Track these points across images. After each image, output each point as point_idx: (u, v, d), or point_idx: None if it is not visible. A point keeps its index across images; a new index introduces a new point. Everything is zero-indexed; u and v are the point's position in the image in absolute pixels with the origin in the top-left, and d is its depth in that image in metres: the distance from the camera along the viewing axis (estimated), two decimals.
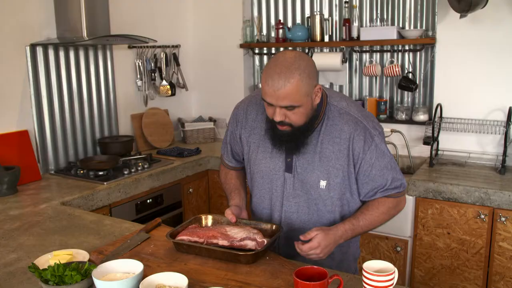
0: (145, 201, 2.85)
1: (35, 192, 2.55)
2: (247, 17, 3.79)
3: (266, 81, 1.49)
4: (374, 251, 2.84)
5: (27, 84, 2.81)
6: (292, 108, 1.50)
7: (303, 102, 1.50)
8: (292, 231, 1.70)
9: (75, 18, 2.79)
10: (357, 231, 1.63)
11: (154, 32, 3.46)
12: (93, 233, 1.92)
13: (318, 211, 1.68)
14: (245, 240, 1.56)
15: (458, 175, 2.72)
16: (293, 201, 1.69)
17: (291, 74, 1.46)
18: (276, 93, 1.47)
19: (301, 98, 1.49)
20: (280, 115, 1.51)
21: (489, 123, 2.93)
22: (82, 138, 3.16)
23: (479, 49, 2.91)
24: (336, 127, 1.62)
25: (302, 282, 1.25)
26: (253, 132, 1.76)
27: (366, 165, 1.62)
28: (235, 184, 1.88)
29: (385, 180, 1.64)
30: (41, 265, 1.50)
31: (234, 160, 1.92)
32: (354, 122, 1.62)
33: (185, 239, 1.60)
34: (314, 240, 1.50)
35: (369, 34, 3.20)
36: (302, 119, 1.55)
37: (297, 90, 1.47)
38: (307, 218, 1.69)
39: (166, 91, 3.66)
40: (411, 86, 3.13)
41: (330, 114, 1.63)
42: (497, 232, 2.48)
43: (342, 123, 1.61)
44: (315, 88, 1.54)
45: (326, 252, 1.53)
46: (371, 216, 1.65)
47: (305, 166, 1.64)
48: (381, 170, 1.63)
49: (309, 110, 1.55)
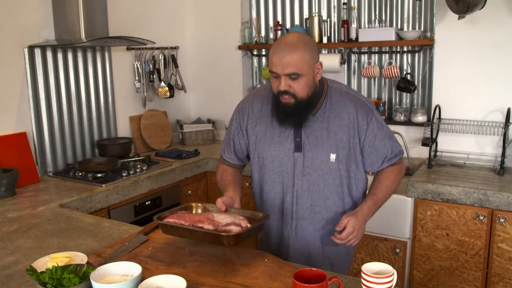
0: (143, 203, 2.85)
1: (33, 194, 2.54)
2: (246, 18, 3.79)
3: (274, 52, 1.65)
4: (373, 252, 2.84)
5: (25, 86, 2.81)
6: (296, 77, 1.64)
7: (306, 71, 1.64)
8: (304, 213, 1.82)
9: (73, 19, 2.79)
10: (379, 203, 1.82)
11: (153, 34, 3.46)
12: (92, 236, 1.92)
13: (329, 186, 1.79)
14: (230, 225, 1.57)
15: (457, 177, 2.72)
16: (304, 179, 1.78)
17: (296, 45, 1.63)
18: (282, 61, 1.62)
19: (304, 67, 1.63)
20: (285, 84, 1.65)
21: (487, 124, 2.93)
22: (81, 140, 3.15)
23: (477, 50, 2.91)
24: (339, 104, 1.77)
25: (301, 284, 1.24)
26: (259, 121, 1.85)
27: (370, 136, 1.77)
28: (231, 180, 1.90)
29: (388, 149, 1.82)
30: (39, 268, 1.49)
31: (235, 157, 1.96)
32: (354, 99, 1.79)
33: (172, 222, 1.60)
34: (348, 227, 1.67)
35: (368, 35, 3.20)
36: (304, 90, 1.67)
37: (301, 58, 1.62)
38: (318, 195, 1.80)
39: (164, 92, 3.66)
40: (409, 87, 3.13)
41: (332, 95, 1.79)
42: (496, 234, 2.48)
43: (344, 100, 1.78)
44: (317, 63, 1.69)
45: (361, 232, 1.72)
46: (385, 187, 1.84)
47: (314, 142, 1.76)
48: (382, 140, 1.80)
49: (311, 82, 1.69)
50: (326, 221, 1.83)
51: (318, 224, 1.84)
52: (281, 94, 1.68)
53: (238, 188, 1.87)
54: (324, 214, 1.82)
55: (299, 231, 1.84)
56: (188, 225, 1.57)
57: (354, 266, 2.90)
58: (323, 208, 1.82)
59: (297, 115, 1.72)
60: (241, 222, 1.58)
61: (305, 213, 1.82)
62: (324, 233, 1.85)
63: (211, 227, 1.56)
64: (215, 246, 1.65)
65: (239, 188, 1.88)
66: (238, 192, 1.83)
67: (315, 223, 1.84)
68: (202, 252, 1.63)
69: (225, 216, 1.64)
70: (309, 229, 1.84)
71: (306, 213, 1.82)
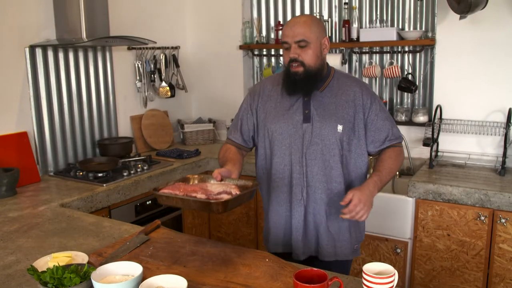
0: (144, 202, 2.85)
1: (34, 194, 2.55)
2: (247, 18, 3.79)
3: (286, 25, 1.85)
4: (374, 252, 2.84)
5: (26, 86, 2.81)
6: (304, 45, 1.80)
7: (313, 41, 1.82)
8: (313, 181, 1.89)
9: (74, 19, 2.79)
10: (384, 180, 1.87)
11: (154, 34, 3.46)
12: (92, 235, 1.92)
13: (334, 157, 1.88)
14: (222, 193, 1.60)
15: (458, 177, 2.72)
16: (312, 149, 1.87)
17: (306, 18, 1.85)
18: (292, 29, 1.81)
19: (312, 36, 1.81)
20: (294, 52, 1.81)
21: (489, 124, 2.92)
22: (82, 140, 3.15)
23: (478, 50, 2.91)
24: (346, 83, 1.93)
25: (301, 284, 1.24)
26: (269, 99, 1.98)
27: (373, 115, 1.90)
28: (232, 157, 1.96)
29: (388, 130, 1.93)
30: (40, 268, 1.49)
31: (241, 137, 2.06)
32: (360, 82, 1.96)
33: (166, 192, 1.63)
34: (354, 199, 1.72)
35: (369, 35, 3.20)
36: (312, 59, 1.83)
37: (310, 28, 1.81)
38: (324, 165, 1.88)
39: (165, 92, 3.66)
40: (410, 87, 3.13)
41: (339, 76, 1.95)
42: (497, 234, 2.48)
43: (350, 82, 1.94)
44: (324, 39, 1.87)
45: (368, 205, 1.76)
46: (388, 164, 1.90)
47: (323, 114, 1.86)
48: (384, 120, 1.92)
49: (318, 53, 1.85)
50: (331, 191, 1.90)
51: (325, 193, 1.90)
52: (291, 63, 1.83)
53: (238, 164, 1.92)
54: (329, 184, 1.90)
55: (310, 197, 1.90)
56: (182, 195, 1.61)
57: (355, 266, 2.90)
58: (329, 178, 1.89)
59: (305, 84, 1.85)
60: (231, 190, 1.62)
61: (315, 181, 1.89)
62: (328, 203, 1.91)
63: (203, 196, 1.59)
64: (216, 246, 1.65)
65: (238, 164, 1.93)
66: (237, 167, 1.89)
67: (322, 192, 1.90)
68: (203, 252, 1.63)
69: (218, 185, 1.69)
70: (319, 196, 1.91)
71: (315, 181, 1.89)
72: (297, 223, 1.93)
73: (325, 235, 1.93)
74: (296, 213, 1.92)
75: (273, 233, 2.00)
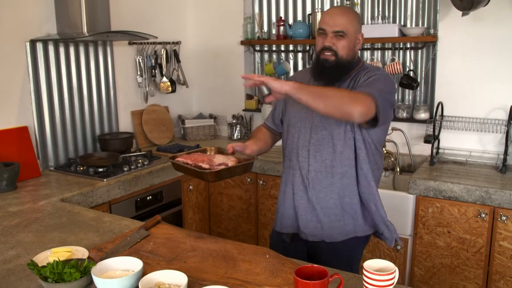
0: (144, 198, 2.85)
1: (34, 188, 2.54)
2: (248, 14, 3.78)
3: (327, 13, 1.90)
4: (374, 249, 2.84)
5: (27, 80, 2.80)
6: (341, 36, 1.84)
7: (351, 34, 1.85)
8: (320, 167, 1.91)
9: (75, 14, 2.78)
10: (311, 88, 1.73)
11: (155, 29, 3.45)
12: (93, 230, 1.92)
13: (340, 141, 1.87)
14: (221, 165, 1.81)
15: (459, 174, 2.72)
16: (319, 134, 1.90)
17: (348, 11, 1.90)
18: (333, 18, 1.85)
19: (350, 28, 1.85)
20: (330, 41, 1.85)
21: (490, 121, 2.92)
22: (82, 135, 3.15)
23: (481, 47, 2.90)
24: (364, 72, 1.89)
25: (302, 281, 1.24)
26: None
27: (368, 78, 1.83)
28: (257, 136, 2.14)
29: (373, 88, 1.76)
30: (40, 262, 1.49)
31: (272, 121, 2.19)
32: (376, 69, 1.91)
33: (180, 161, 1.88)
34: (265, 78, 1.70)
35: (371, 31, 3.18)
36: (345, 50, 1.86)
37: (350, 21, 1.85)
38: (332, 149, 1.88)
39: (166, 87, 3.66)
40: (412, 84, 3.12)
41: (364, 68, 1.93)
42: (498, 231, 2.48)
43: (369, 70, 1.89)
44: (359, 34, 1.90)
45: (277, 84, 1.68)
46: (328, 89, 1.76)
47: None
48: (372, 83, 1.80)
49: (352, 46, 1.87)
50: (333, 175, 1.90)
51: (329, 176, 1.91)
52: (324, 51, 1.86)
53: (260, 142, 2.08)
54: (334, 168, 1.90)
55: (314, 180, 1.92)
56: (192, 164, 1.84)
57: None
58: (334, 162, 1.89)
59: (333, 73, 1.88)
60: (229, 162, 1.82)
61: (319, 165, 1.91)
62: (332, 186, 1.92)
63: (207, 165, 1.81)
64: (216, 242, 1.66)
65: (260, 142, 2.08)
66: (258, 144, 2.05)
67: (326, 176, 1.91)
68: (203, 247, 1.63)
69: (222, 157, 1.89)
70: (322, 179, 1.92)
71: (319, 165, 1.91)
72: (299, 204, 1.97)
73: (327, 217, 1.95)
74: (299, 195, 1.97)
75: (280, 212, 2.07)
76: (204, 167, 1.79)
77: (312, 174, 1.92)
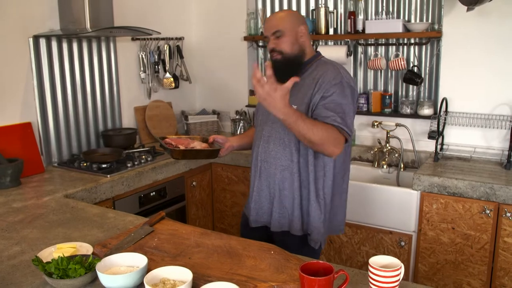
0: (148, 194, 2.85)
1: (38, 184, 2.54)
2: (251, 9, 3.77)
3: (265, 20, 2.05)
4: (378, 245, 2.83)
5: (30, 76, 2.80)
6: (279, 35, 1.95)
7: (288, 30, 1.95)
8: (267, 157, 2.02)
9: (78, 9, 2.77)
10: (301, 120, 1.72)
11: (158, 24, 3.45)
12: (97, 226, 1.91)
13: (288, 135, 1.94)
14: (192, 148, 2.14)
15: (463, 170, 2.71)
16: (273, 128, 1.99)
17: (280, 12, 2.03)
18: (268, 24, 1.99)
19: (286, 25, 1.95)
20: (271, 43, 1.97)
21: (494, 117, 2.90)
22: (85, 131, 3.15)
23: (486, 43, 2.88)
24: (319, 68, 1.96)
25: (307, 277, 1.23)
26: None
27: (327, 94, 1.86)
28: (246, 133, 2.34)
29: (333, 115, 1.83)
30: (44, 258, 1.49)
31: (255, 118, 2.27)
32: (335, 69, 1.94)
33: (167, 141, 2.16)
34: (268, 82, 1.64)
35: (375, 27, 3.17)
36: (288, 46, 1.95)
37: (282, 19, 1.97)
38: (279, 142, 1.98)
39: (169, 83, 3.65)
40: (416, 79, 3.11)
41: (319, 63, 2.00)
42: (502, 228, 2.47)
43: (327, 66, 1.96)
44: (300, 27, 1.98)
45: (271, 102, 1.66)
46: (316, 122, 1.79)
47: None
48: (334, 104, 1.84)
49: (295, 41, 1.96)
50: (284, 167, 1.98)
51: (278, 169, 1.99)
52: (272, 54, 1.99)
53: (245, 139, 2.28)
54: (283, 161, 1.97)
55: (267, 171, 2.02)
56: (174, 145, 2.13)
57: (359, 259, 2.90)
58: (283, 155, 1.97)
59: (285, 69, 1.94)
60: (198, 146, 2.11)
61: (271, 157, 2.00)
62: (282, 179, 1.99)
63: (183, 147, 2.11)
64: (221, 238, 1.66)
65: (246, 138, 2.28)
66: (240, 140, 2.26)
67: (276, 168, 1.99)
68: (208, 243, 1.63)
69: (198, 143, 2.16)
70: (273, 171, 2.01)
71: (271, 157, 2.00)
72: (255, 194, 2.08)
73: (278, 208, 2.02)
74: (256, 185, 2.07)
75: (247, 203, 2.17)
76: (178, 148, 2.11)
77: (266, 164, 2.02)
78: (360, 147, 3.41)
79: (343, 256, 2.97)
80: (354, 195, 2.76)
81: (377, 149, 3.24)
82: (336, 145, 1.80)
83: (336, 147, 1.80)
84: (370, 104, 3.34)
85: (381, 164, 3.24)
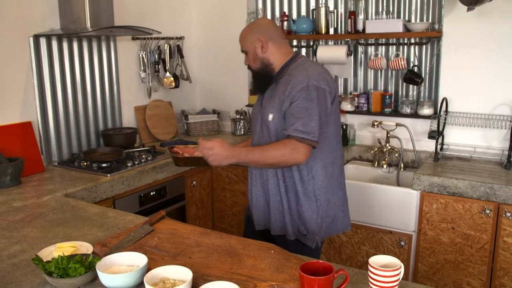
0: (148, 193, 2.85)
1: (38, 183, 2.55)
2: (252, 9, 3.77)
3: None
4: (378, 245, 2.83)
5: (31, 75, 2.80)
6: (246, 53, 2.08)
7: (248, 47, 2.06)
8: None
9: (78, 9, 2.78)
10: (250, 154, 1.93)
11: (158, 24, 3.45)
12: (97, 226, 1.92)
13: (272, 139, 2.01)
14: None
15: (463, 170, 2.71)
16: (259, 135, 2.08)
17: (245, 30, 2.11)
18: (239, 43, 2.11)
19: (246, 44, 2.07)
20: (245, 60, 2.11)
21: (495, 117, 2.90)
22: (86, 130, 3.15)
23: (486, 42, 2.89)
24: (292, 73, 1.97)
25: (307, 276, 1.24)
26: None
27: (294, 99, 1.89)
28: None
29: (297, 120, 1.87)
30: (44, 257, 1.49)
31: None
32: (303, 69, 1.96)
33: (174, 150, 2.22)
34: (212, 142, 1.91)
35: (375, 27, 3.17)
36: (252, 62, 2.08)
37: (243, 40, 2.08)
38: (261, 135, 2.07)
39: (169, 83, 3.65)
40: (416, 79, 3.11)
41: (294, 67, 2.01)
42: (502, 228, 2.47)
43: (296, 70, 1.97)
44: (256, 42, 2.03)
45: (216, 158, 1.91)
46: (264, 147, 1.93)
47: (266, 104, 2.05)
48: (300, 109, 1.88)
49: (255, 55, 2.05)
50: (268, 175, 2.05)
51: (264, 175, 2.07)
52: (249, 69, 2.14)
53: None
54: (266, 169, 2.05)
55: (258, 180, 2.11)
56: (181, 153, 2.21)
57: (359, 258, 2.90)
58: None
59: (259, 82, 2.10)
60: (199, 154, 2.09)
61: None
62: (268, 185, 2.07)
63: (188, 155, 2.19)
64: (221, 237, 1.66)
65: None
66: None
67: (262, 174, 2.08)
68: (208, 243, 1.63)
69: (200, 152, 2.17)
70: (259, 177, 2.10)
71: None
72: (251, 198, 2.17)
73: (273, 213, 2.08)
74: (254, 192, 2.14)
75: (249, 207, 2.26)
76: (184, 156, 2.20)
77: (256, 171, 2.11)
78: (360, 146, 3.42)
79: (343, 256, 2.97)
80: (354, 194, 2.76)
81: (377, 149, 3.24)
82: (296, 155, 1.87)
83: (297, 157, 1.87)
84: (370, 104, 3.34)
85: (381, 164, 3.24)
